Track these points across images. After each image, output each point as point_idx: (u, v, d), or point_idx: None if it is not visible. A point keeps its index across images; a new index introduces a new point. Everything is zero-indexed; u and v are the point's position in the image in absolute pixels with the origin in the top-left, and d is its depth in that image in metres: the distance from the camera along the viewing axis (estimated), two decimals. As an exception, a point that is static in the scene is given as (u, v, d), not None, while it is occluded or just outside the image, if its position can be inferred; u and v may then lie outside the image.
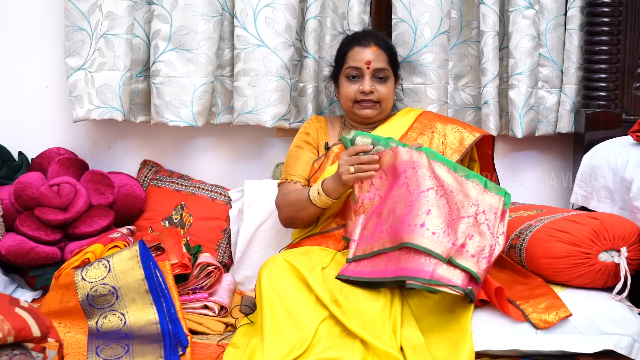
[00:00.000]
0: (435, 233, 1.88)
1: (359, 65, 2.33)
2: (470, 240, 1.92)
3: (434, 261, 1.85)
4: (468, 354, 1.88)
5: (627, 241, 1.99)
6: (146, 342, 1.99)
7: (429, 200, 1.94)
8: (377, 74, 2.34)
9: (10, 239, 2.44)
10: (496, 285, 1.94)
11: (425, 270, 1.85)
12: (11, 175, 2.66)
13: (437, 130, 2.35)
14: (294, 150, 2.42)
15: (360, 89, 2.33)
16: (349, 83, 2.36)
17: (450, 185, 1.99)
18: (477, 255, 1.89)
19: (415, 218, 1.91)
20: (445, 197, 1.96)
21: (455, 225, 1.92)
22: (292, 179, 2.34)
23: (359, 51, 2.35)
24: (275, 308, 1.92)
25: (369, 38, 2.36)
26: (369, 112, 2.35)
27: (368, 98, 2.34)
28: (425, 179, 1.98)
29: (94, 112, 2.62)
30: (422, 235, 1.88)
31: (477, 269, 1.87)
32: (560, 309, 1.91)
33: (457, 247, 1.88)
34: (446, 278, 1.84)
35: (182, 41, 2.58)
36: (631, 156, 2.21)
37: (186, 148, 2.85)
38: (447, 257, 1.86)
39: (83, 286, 2.06)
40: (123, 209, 2.63)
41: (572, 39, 2.67)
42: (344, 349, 1.86)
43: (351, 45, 2.37)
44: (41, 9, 2.75)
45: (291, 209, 2.29)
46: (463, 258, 1.88)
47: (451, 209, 1.95)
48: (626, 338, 1.91)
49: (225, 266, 2.64)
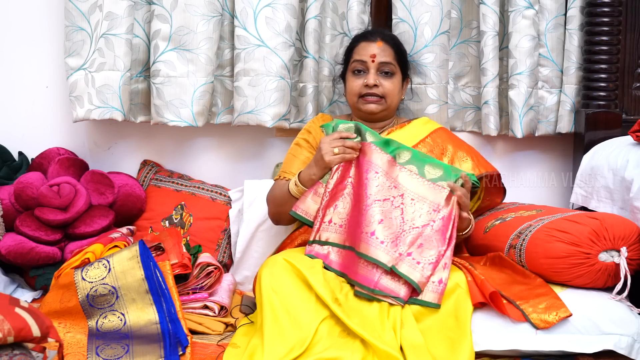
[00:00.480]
0: (384, 242, 1.99)
1: (364, 58, 2.34)
2: (418, 248, 1.99)
3: (379, 270, 1.98)
4: (468, 354, 1.88)
5: (627, 241, 1.99)
6: (146, 342, 1.99)
7: (382, 210, 2.04)
8: (382, 68, 2.34)
9: (10, 239, 2.44)
10: (491, 289, 1.94)
11: (370, 279, 1.97)
12: (11, 175, 2.66)
13: (447, 153, 2.35)
14: (293, 147, 2.42)
15: (365, 82, 2.33)
16: (355, 77, 2.36)
17: (412, 193, 2.08)
18: (422, 262, 1.97)
19: (368, 225, 2.02)
20: (402, 207, 2.06)
21: (406, 235, 2.02)
22: (285, 176, 2.34)
23: (364, 46, 2.36)
24: (275, 308, 1.92)
25: (375, 34, 2.39)
26: (373, 107, 2.35)
27: (372, 92, 2.33)
28: (384, 188, 2.08)
29: (94, 112, 2.62)
30: (371, 245, 1.99)
31: (419, 277, 1.95)
32: (561, 309, 1.91)
33: (404, 255, 1.97)
34: (389, 289, 1.96)
35: (182, 41, 2.58)
36: (631, 156, 2.21)
37: (186, 148, 2.85)
38: (391, 266, 1.95)
39: (83, 286, 2.06)
40: (123, 209, 2.63)
41: (572, 39, 2.67)
42: (344, 348, 1.86)
43: (358, 41, 2.40)
44: (41, 9, 2.75)
45: (274, 203, 2.31)
46: (407, 266, 1.96)
47: (404, 220, 2.04)
48: (626, 338, 1.91)
49: (225, 266, 2.64)
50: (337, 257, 2.07)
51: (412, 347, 1.87)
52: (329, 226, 2.11)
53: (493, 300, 1.94)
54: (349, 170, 2.15)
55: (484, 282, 1.96)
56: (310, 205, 2.16)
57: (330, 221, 2.11)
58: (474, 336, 1.92)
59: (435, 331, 1.93)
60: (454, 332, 1.93)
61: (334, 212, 2.11)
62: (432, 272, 1.96)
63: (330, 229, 2.11)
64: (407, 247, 1.99)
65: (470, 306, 1.96)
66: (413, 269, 1.96)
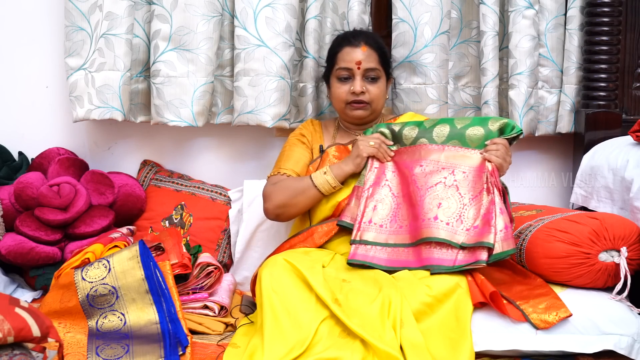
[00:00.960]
0: (450, 223, 2.06)
1: (349, 65, 2.33)
2: (483, 218, 2.03)
3: (455, 250, 2.03)
4: (468, 354, 1.88)
5: (627, 241, 1.99)
6: (146, 342, 1.99)
7: (437, 194, 2.10)
8: (368, 74, 2.34)
9: (10, 239, 2.43)
10: (491, 289, 1.94)
11: (446, 259, 2.03)
12: (11, 175, 2.66)
13: None
14: (287, 147, 2.41)
15: (351, 90, 2.33)
16: (340, 84, 2.36)
17: (462, 167, 2.12)
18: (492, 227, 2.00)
19: (428, 212, 2.09)
20: (456, 184, 2.10)
21: (468, 209, 2.06)
22: (284, 172, 2.33)
23: (349, 51, 2.34)
24: (275, 308, 1.92)
25: (359, 38, 2.36)
26: (361, 112, 2.36)
27: (359, 99, 2.34)
28: (433, 174, 2.13)
29: (94, 112, 2.62)
30: (438, 228, 2.06)
31: (492, 240, 1.98)
32: (561, 309, 1.91)
33: (471, 230, 2.02)
34: (467, 260, 2.01)
35: (182, 41, 2.58)
36: (631, 156, 2.21)
37: (186, 148, 2.85)
38: (461, 243, 2.01)
39: (83, 286, 2.06)
40: (123, 209, 2.63)
41: (572, 39, 2.67)
42: (344, 348, 1.86)
43: (341, 45, 2.37)
44: (41, 9, 2.75)
45: (285, 193, 2.26)
46: (477, 236, 2.00)
47: (462, 195, 2.09)
48: (626, 338, 1.91)
49: (225, 266, 2.64)
50: (383, 254, 2.13)
51: (412, 347, 1.87)
52: (370, 226, 2.16)
53: (493, 300, 1.94)
54: (384, 173, 2.22)
55: (484, 281, 1.96)
56: (354, 210, 2.21)
57: (370, 221, 2.17)
58: (474, 336, 1.92)
59: (435, 331, 1.93)
60: (454, 332, 1.93)
61: (373, 212, 2.18)
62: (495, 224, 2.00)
63: (370, 228, 2.16)
64: (472, 221, 2.03)
65: (471, 306, 1.96)
66: (487, 235, 1.99)
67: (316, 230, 2.26)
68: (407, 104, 2.63)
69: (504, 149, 2.09)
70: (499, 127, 2.13)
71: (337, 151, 2.38)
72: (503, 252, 1.98)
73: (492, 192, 2.04)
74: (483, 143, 2.13)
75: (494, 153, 2.08)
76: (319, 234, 2.26)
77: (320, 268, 2.02)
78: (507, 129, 2.13)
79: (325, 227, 2.26)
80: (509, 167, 2.12)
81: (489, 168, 2.07)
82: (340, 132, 2.45)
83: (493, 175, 2.06)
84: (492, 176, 2.06)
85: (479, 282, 1.98)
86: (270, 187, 2.31)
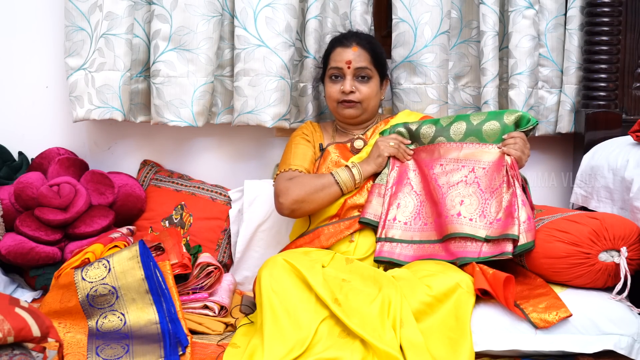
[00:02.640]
0: (473, 219, 2.12)
1: (340, 65, 2.36)
2: (506, 210, 2.08)
3: (479, 243, 2.08)
4: (467, 353, 1.88)
5: (627, 241, 1.99)
6: (146, 342, 1.99)
7: (459, 192, 2.17)
8: (358, 73, 2.36)
9: (10, 239, 2.43)
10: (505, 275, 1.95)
11: (471, 252, 2.08)
12: (11, 175, 2.66)
13: None
14: (292, 145, 2.43)
15: (342, 89, 2.35)
16: (332, 83, 2.40)
17: (482, 163, 2.18)
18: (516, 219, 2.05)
19: (451, 209, 2.15)
20: (477, 180, 2.16)
21: (490, 203, 2.12)
22: (295, 168, 2.34)
23: (340, 52, 2.38)
24: (275, 308, 1.92)
25: (350, 39, 2.40)
26: (352, 111, 2.38)
27: (349, 98, 2.36)
28: (454, 172, 2.20)
29: (94, 112, 2.62)
30: (462, 223, 2.12)
31: (516, 231, 2.04)
32: (561, 308, 1.91)
33: (494, 222, 2.07)
34: (491, 252, 2.06)
35: (182, 41, 2.58)
36: (631, 156, 2.21)
37: (186, 148, 2.85)
38: (485, 236, 2.07)
39: (83, 286, 2.06)
40: (123, 209, 2.63)
41: (572, 39, 2.67)
42: (344, 348, 1.86)
43: (334, 46, 2.42)
44: (41, 9, 2.75)
45: (304, 189, 2.25)
46: (501, 229, 2.05)
47: (483, 191, 2.14)
48: (626, 338, 1.91)
49: (225, 266, 2.64)
50: (409, 250, 2.19)
51: (412, 347, 1.87)
52: (394, 224, 2.23)
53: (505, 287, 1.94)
54: (405, 172, 2.29)
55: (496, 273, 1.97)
56: (377, 207, 2.26)
57: (395, 218, 2.24)
58: (474, 336, 1.92)
59: (435, 331, 1.93)
60: (453, 332, 1.93)
61: (397, 210, 2.24)
62: (518, 215, 2.05)
63: (395, 226, 2.23)
64: (495, 214, 2.09)
65: (471, 306, 1.96)
66: (511, 227, 2.04)
67: (322, 232, 2.27)
68: (407, 104, 2.63)
69: (521, 142, 2.16)
70: (514, 121, 2.19)
71: (337, 149, 2.40)
72: (527, 243, 2.03)
73: (512, 184, 2.09)
74: (500, 137, 2.19)
75: (512, 147, 2.15)
76: (326, 235, 2.26)
77: (319, 268, 2.03)
78: (523, 121, 2.19)
79: (332, 228, 2.27)
80: (527, 159, 2.18)
81: (508, 162, 2.13)
82: (338, 133, 2.47)
83: (513, 168, 2.12)
84: (512, 169, 2.12)
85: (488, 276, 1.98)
86: (286, 182, 2.29)
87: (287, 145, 2.45)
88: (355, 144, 2.42)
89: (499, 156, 2.16)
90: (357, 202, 2.30)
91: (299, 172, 2.33)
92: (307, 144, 2.42)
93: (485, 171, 2.16)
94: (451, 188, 2.18)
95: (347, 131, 2.46)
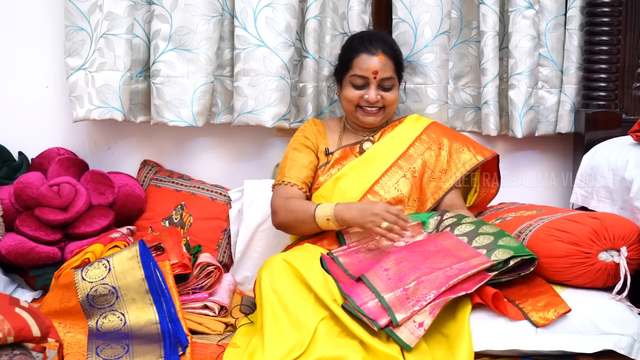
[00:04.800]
0: (391, 279, 1.93)
1: (366, 74, 2.31)
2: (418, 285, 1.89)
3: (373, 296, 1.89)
4: (467, 353, 1.88)
5: (627, 241, 1.99)
6: (146, 342, 1.99)
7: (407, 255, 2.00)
8: (383, 83, 2.32)
9: (10, 239, 2.43)
10: (493, 290, 1.93)
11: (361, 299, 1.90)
12: (11, 175, 2.66)
13: (444, 146, 2.38)
14: (291, 152, 2.39)
15: (366, 98, 2.31)
16: (354, 89, 2.33)
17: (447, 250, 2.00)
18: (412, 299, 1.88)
19: (386, 262, 1.98)
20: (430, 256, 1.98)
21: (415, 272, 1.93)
22: (288, 181, 2.32)
23: (365, 59, 2.31)
24: (274, 308, 1.92)
25: (377, 45, 2.32)
26: (373, 119, 2.35)
27: (373, 105, 2.33)
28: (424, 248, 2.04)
29: (94, 112, 2.62)
30: (378, 276, 1.95)
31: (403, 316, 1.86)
32: (559, 305, 1.91)
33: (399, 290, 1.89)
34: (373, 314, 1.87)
35: (182, 41, 2.58)
36: (631, 156, 2.21)
37: (186, 148, 2.85)
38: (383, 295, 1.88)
39: (83, 286, 2.06)
40: (123, 209, 2.63)
41: (572, 39, 2.67)
42: (344, 348, 1.86)
43: (358, 51, 2.33)
44: (41, 9, 2.75)
45: (291, 216, 2.25)
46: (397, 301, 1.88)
47: (424, 262, 1.96)
48: (626, 338, 1.91)
49: (225, 266, 2.64)
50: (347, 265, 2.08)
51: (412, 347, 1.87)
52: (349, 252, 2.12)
53: (495, 302, 1.93)
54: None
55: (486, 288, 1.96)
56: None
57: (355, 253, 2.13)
58: (473, 336, 1.91)
59: (434, 331, 1.93)
60: (452, 332, 1.92)
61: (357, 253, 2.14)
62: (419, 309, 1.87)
63: (348, 256, 2.11)
64: (408, 283, 1.90)
65: (469, 305, 1.96)
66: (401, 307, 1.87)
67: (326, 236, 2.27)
68: (407, 104, 2.63)
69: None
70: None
71: (342, 154, 2.38)
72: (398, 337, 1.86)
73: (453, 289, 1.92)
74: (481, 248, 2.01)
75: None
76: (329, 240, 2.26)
77: (319, 268, 2.02)
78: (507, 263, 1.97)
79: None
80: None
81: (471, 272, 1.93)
82: (346, 133, 2.44)
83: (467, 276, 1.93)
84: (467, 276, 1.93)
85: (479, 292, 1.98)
86: (279, 202, 2.29)
87: (288, 149, 2.42)
88: (364, 146, 2.40)
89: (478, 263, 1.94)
90: None
91: (291, 186, 2.31)
92: (306, 150, 2.39)
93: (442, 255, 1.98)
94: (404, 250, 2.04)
95: (357, 132, 2.43)
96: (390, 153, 2.36)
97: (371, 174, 2.33)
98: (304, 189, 2.33)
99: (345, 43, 2.44)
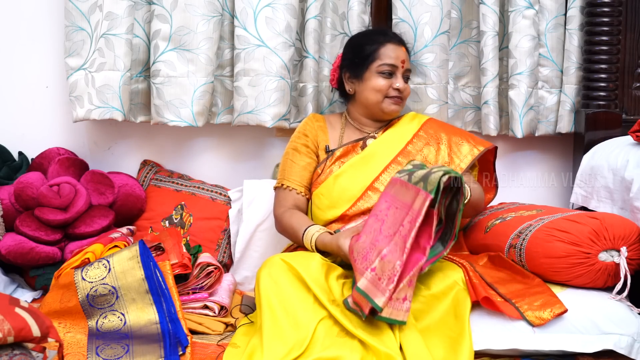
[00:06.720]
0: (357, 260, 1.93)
1: (395, 62, 2.35)
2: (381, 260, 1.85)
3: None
4: (467, 353, 1.88)
5: (627, 241, 1.99)
6: (146, 342, 1.99)
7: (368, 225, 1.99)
8: (406, 73, 2.40)
9: (10, 239, 2.44)
10: (483, 294, 1.95)
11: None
12: (11, 175, 2.66)
13: (443, 141, 2.37)
14: (291, 152, 2.40)
15: (395, 86, 2.35)
16: (382, 78, 2.35)
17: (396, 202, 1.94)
18: (383, 278, 1.84)
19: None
20: (385, 219, 1.94)
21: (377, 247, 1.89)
22: (287, 184, 2.34)
23: (394, 48, 2.36)
24: (274, 308, 1.92)
25: (397, 38, 2.42)
26: (397, 107, 2.38)
27: (398, 95, 2.36)
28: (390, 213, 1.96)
29: (94, 112, 2.62)
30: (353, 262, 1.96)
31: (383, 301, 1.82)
32: (555, 305, 1.91)
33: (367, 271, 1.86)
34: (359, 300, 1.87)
35: (182, 41, 2.58)
36: (631, 156, 2.21)
37: (186, 148, 2.85)
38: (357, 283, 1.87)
39: (83, 286, 2.06)
40: (123, 209, 2.63)
41: (572, 39, 2.67)
42: (344, 348, 1.86)
43: (381, 42, 2.36)
44: (41, 9, 2.75)
45: (285, 233, 2.32)
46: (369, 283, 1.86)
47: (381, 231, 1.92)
48: (626, 338, 1.91)
49: (225, 266, 2.64)
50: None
51: (412, 347, 1.87)
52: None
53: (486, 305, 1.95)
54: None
55: (477, 286, 1.97)
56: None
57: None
58: (473, 335, 1.92)
59: (434, 330, 1.93)
60: (453, 331, 1.93)
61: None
62: (395, 286, 1.82)
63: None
64: (372, 261, 1.86)
65: (469, 304, 1.96)
66: (377, 290, 1.84)
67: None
68: (408, 103, 2.63)
69: None
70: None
71: (344, 151, 2.38)
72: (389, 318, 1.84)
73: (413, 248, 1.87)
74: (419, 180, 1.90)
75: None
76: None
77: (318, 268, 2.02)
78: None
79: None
80: None
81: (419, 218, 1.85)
82: (348, 128, 2.44)
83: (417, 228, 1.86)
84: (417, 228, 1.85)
85: (474, 284, 1.98)
86: (278, 212, 2.34)
87: (287, 149, 2.42)
88: (367, 142, 2.40)
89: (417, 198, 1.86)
90: (362, 208, 2.28)
91: (289, 191, 2.33)
92: (306, 149, 2.39)
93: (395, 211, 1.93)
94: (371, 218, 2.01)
95: (361, 129, 2.43)
96: (389, 150, 2.36)
97: (371, 171, 2.32)
98: (304, 193, 2.35)
99: (356, 39, 2.45)
